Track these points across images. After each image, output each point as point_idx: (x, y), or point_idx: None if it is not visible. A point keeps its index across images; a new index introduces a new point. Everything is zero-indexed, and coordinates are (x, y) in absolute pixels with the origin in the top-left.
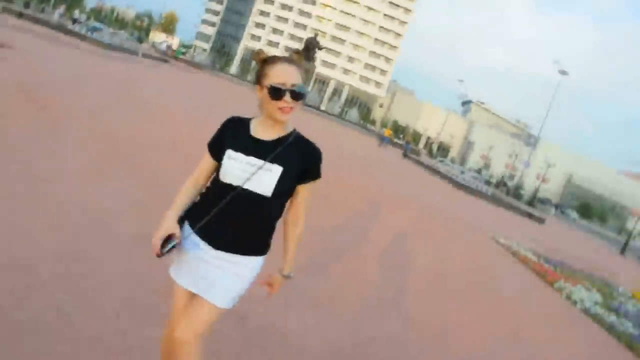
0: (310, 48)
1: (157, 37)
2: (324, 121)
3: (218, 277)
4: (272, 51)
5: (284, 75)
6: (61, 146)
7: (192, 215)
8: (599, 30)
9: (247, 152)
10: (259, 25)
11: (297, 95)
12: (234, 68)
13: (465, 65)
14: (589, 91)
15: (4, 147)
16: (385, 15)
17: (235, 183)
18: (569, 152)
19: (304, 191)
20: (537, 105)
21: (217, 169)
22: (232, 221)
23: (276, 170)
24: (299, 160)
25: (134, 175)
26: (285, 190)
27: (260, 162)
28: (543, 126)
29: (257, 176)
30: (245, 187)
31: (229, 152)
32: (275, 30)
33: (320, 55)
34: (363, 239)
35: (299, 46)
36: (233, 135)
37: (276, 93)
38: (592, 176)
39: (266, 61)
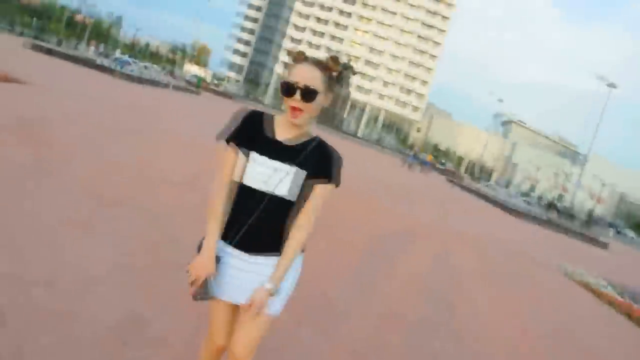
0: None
1: (190, 69)
2: (361, 149)
3: (262, 284)
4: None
5: (300, 74)
6: (48, 190)
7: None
8: (633, 38)
9: (272, 156)
10: None
11: (305, 96)
12: (268, 98)
13: (501, 82)
14: (631, 101)
15: None
16: (419, 36)
17: (263, 189)
18: (619, 167)
19: (314, 192)
20: (579, 121)
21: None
22: (264, 225)
23: (298, 174)
24: (316, 162)
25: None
26: (302, 189)
27: (285, 166)
28: (592, 143)
29: (284, 180)
30: (275, 193)
31: (254, 155)
32: None
33: (355, 80)
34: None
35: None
36: (256, 133)
37: (286, 89)
38: None
39: (295, 59)
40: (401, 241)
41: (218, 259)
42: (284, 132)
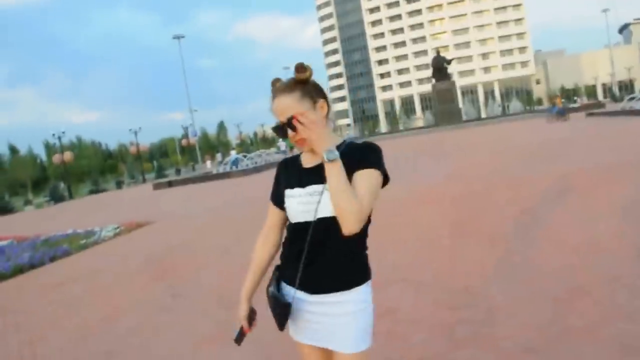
0: (440, 68)
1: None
2: (486, 128)
3: (337, 324)
4: (405, 91)
5: (277, 110)
6: (192, 315)
7: (285, 271)
8: None
9: (303, 184)
10: (384, 75)
11: (293, 127)
12: (383, 126)
13: None
14: None
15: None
16: None
17: (306, 219)
18: None
19: (355, 177)
20: None
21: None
22: (320, 258)
23: None
24: (350, 161)
25: None
26: None
27: (318, 186)
28: None
29: (323, 201)
30: (318, 217)
31: (287, 192)
32: (400, 71)
33: (453, 68)
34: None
35: (429, 73)
36: (287, 175)
37: (280, 132)
38: None
39: (273, 92)
40: (550, 200)
41: (287, 306)
42: (310, 159)
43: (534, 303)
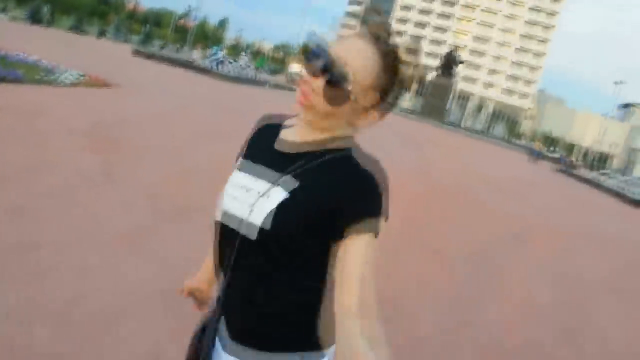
0: (448, 64)
1: (294, 67)
2: (463, 140)
3: None
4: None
5: (340, 49)
6: (104, 200)
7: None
8: None
9: (248, 169)
10: None
11: (332, 80)
12: None
13: (622, 66)
14: None
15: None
16: (526, 21)
17: (230, 223)
18: None
19: (348, 252)
20: None
21: None
22: (240, 289)
23: (275, 195)
24: (327, 186)
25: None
26: (291, 229)
27: (260, 183)
28: None
29: (259, 207)
30: (248, 220)
31: (234, 170)
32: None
33: (460, 70)
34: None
35: (436, 63)
36: (258, 143)
37: (306, 63)
38: None
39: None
40: (502, 240)
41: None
42: (292, 134)
43: (455, 348)
